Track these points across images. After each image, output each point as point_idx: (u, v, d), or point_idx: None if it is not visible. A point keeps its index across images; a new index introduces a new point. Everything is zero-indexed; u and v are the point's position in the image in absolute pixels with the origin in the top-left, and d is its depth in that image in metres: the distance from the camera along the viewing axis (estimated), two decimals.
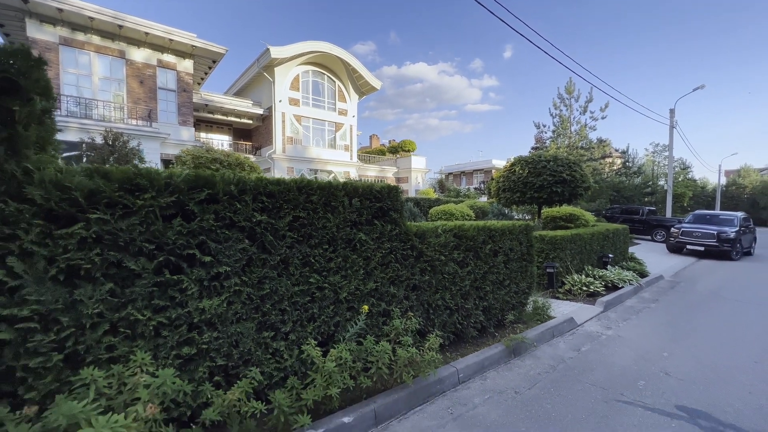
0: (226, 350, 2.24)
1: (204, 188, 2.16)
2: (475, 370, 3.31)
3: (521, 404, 2.84)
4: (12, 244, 1.63)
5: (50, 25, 14.08)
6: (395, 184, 25.50)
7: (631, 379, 3.30)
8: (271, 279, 2.44)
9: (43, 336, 1.69)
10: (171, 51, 16.83)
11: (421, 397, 2.82)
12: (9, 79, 1.63)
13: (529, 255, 4.75)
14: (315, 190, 2.65)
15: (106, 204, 1.87)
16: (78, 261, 1.78)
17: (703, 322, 5.10)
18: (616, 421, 2.61)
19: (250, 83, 24.22)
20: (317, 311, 2.67)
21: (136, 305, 1.94)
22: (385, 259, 3.09)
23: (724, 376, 3.35)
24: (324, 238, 2.70)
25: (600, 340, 4.33)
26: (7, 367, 1.64)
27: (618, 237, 8.93)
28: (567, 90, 16.92)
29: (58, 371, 1.74)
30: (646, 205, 24.95)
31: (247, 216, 2.33)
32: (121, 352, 1.89)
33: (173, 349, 2.05)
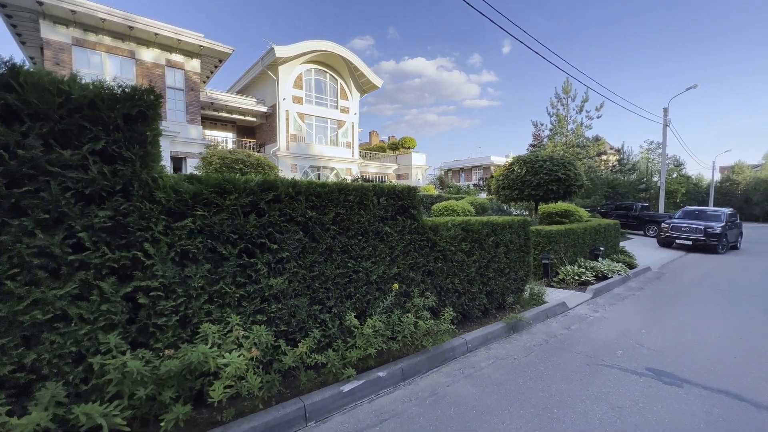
0: (286, 319, 2.83)
1: (270, 191, 2.74)
2: (480, 342, 3.94)
3: (519, 367, 3.46)
4: (147, 234, 2.21)
5: (63, 26, 14.46)
6: (395, 180, 26.15)
7: (612, 349, 3.93)
8: (319, 263, 3.03)
9: (166, 302, 2.28)
10: (179, 51, 17.23)
11: (437, 360, 3.43)
12: (142, 112, 2.20)
13: (526, 247, 5.36)
14: (351, 191, 3.24)
15: (204, 203, 2.45)
16: (188, 246, 2.36)
17: (681, 306, 5.74)
18: (596, 378, 3.23)
19: (253, 81, 24.61)
20: (353, 290, 3.26)
21: (225, 281, 2.53)
22: (406, 249, 3.69)
23: (689, 348, 3.98)
24: (358, 231, 3.29)
25: (588, 321, 4.96)
26: (143, 324, 2.22)
27: (609, 231, 9.57)
28: (564, 90, 17.49)
29: (175, 328, 2.32)
30: (640, 201, 25.68)
31: (302, 212, 2.91)
32: (215, 316, 2.48)
33: (250, 316, 2.64)
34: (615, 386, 3.09)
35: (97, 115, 2.05)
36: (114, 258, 2.11)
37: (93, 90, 2.05)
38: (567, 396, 2.91)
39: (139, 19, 15.31)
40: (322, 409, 2.57)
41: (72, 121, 1.98)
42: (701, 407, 2.77)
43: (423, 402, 2.80)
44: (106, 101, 2.08)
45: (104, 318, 2.07)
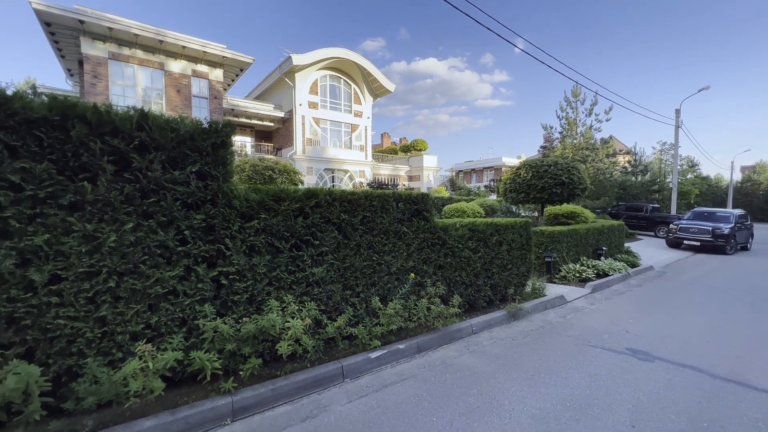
0: (325, 300, 3.55)
1: (313, 198, 3.47)
2: (483, 326, 4.58)
3: (516, 345, 4.09)
4: (227, 232, 2.95)
5: (101, 42, 15.66)
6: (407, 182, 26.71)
7: (599, 334, 4.52)
8: (350, 256, 3.74)
9: (239, 284, 3.02)
10: (204, 62, 18.31)
11: (446, 339, 4.10)
12: (224, 141, 2.95)
13: (527, 245, 5.96)
14: (375, 198, 3.94)
15: (266, 208, 3.19)
16: (254, 242, 3.10)
17: (673, 301, 6.24)
18: (580, 355, 3.85)
19: (271, 87, 25.64)
20: (377, 279, 3.96)
21: (280, 269, 3.26)
22: (420, 246, 4.37)
23: (669, 334, 4.53)
24: (381, 230, 3.99)
25: (583, 312, 5.54)
26: (223, 299, 2.97)
27: (613, 232, 10.02)
28: (573, 93, 17.84)
29: (245, 304, 3.06)
30: (652, 202, 25.66)
31: (337, 215, 3.62)
32: (274, 296, 3.21)
33: (299, 297, 3.36)
34: (595, 360, 3.70)
35: (195, 145, 2.81)
36: (205, 250, 2.86)
37: (192, 126, 2.80)
38: (554, 366, 3.54)
39: (168, 33, 16.42)
40: (355, 370, 3.27)
41: (180, 150, 2.74)
42: (665, 376, 3.36)
43: (434, 368, 3.47)
44: (200, 134, 2.83)
45: (199, 294, 2.82)
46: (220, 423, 2.51)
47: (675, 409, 2.79)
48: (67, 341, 2.34)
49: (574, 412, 2.74)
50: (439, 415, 2.68)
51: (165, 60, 17.28)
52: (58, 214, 2.30)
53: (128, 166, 2.57)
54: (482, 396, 2.96)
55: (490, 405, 2.83)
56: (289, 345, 2.83)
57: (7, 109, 2.14)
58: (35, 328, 2.24)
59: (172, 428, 2.33)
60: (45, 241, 2.24)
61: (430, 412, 2.72)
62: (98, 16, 14.72)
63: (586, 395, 2.99)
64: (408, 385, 3.13)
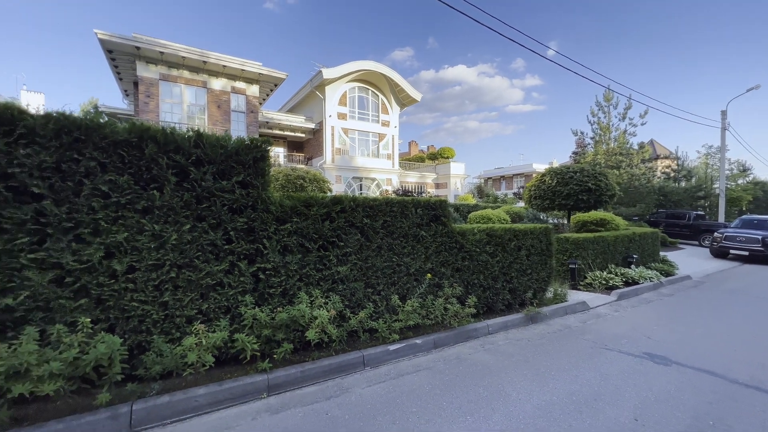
0: (348, 296, 3.92)
1: (338, 204, 3.88)
2: (500, 327, 4.76)
3: (531, 346, 4.25)
4: (264, 233, 3.41)
5: (153, 65, 17.33)
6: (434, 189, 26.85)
7: (618, 338, 4.55)
8: (372, 257, 4.10)
9: (274, 279, 3.46)
10: (242, 79, 19.68)
11: (462, 337, 4.33)
12: (263, 155, 3.43)
13: (548, 251, 6.04)
14: (395, 204, 4.29)
15: (297, 213, 3.63)
16: (287, 242, 3.54)
17: (706, 310, 6.04)
18: (595, 357, 3.94)
19: (302, 100, 26.91)
20: (396, 279, 4.29)
21: (309, 266, 3.67)
22: (438, 249, 4.65)
23: (693, 341, 4.48)
24: (401, 233, 4.32)
25: (605, 318, 5.53)
26: (261, 292, 3.42)
27: (645, 240, 9.69)
28: (605, 98, 17.34)
29: (279, 296, 3.49)
30: (696, 209, 24.08)
31: (359, 219, 4.01)
32: (303, 291, 3.62)
33: (325, 292, 3.76)
34: (609, 362, 3.79)
35: (240, 158, 3.30)
36: (247, 248, 3.33)
37: (237, 143, 3.30)
38: (565, 366, 3.68)
39: (211, 55, 17.86)
40: (375, 359, 3.60)
41: (227, 163, 3.24)
42: (679, 378, 3.41)
43: (449, 362, 3.73)
44: (244, 150, 3.32)
45: (241, 286, 3.29)
46: (257, 396, 2.92)
47: (682, 408, 2.87)
48: (139, 320, 2.86)
49: (578, 405, 2.90)
50: (449, 400, 2.95)
51: (208, 78, 18.78)
52: (134, 216, 2.85)
53: (187, 178, 3.09)
54: (491, 387, 3.19)
55: (497, 394, 3.05)
56: (316, 333, 3.22)
57: (100, 134, 2.72)
58: (116, 309, 2.77)
59: (219, 396, 2.77)
60: (125, 238, 2.78)
61: (442, 397, 2.99)
62: (152, 42, 16.35)
63: (594, 392, 3.13)
64: (423, 375, 3.41)
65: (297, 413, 2.73)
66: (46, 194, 2.56)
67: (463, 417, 2.70)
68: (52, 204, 2.56)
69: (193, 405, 2.68)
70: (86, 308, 2.67)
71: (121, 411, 2.46)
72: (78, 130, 2.64)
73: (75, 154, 2.64)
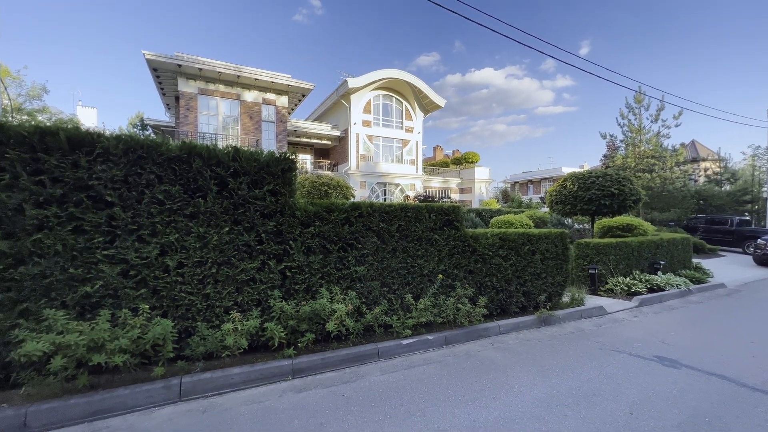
0: (366, 294, 4.28)
1: (357, 210, 4.26)
2: (512, 328, 4.94)
3: (540, 345, 4.41)
4: (291, 235, 3.85)
5: (193, 80, 18.70)
6: (459, 194, 26.74)
7: (631, 342, 4.60)
8: (387, 259, 4.44)
9: (299, 276, 3.88)
10: (272, 90, 20.77)
11: (473, 336, 4.56)
12: (290, 167, 3.88)
13: (564, 255, 6.12)
14: (410, 209, 4.62)
15: (320, 218, 4.05)
16: (311, 243, 3.96)
17: (733, 318, 5.87)
18: (603, 358, 4.05)
19: (329, 109, 27.82)
20: (411, 279, 4.60)
21: (330, 266, 4.07)
22: (451, 252, 4.92)
23: (709, 347, 4.45)
24: (415, 237, 4.64)
25: (621, 323, 5.54)
26: (287, 288, 3.85)
27: (675, 246, 9.38)
28: (636, 99, 16.78)
29: (303, 292, 3.91)
30: (744, 214, 22.55)
31: (376, 224, 4.37)
32: (325, 288, 4.02)
33: (345, 289, 4.14)
34: (616, 363, 3.90)
35: (270, 170, 3.77)
36: (275, 249, 3.78)
37: (268, 156, 3.78)
38: (571, 365, 3.84)
39: (245, 69, 19.03)
40: (389, 352, 3.93)
41: (259, 174, 3.72)
42: (685, 380, 3.48)
43: (458, 357, 3.99)
44: (274, 162, 3.79)
45: (270, 281, 3.74)
46: (283, 378, 3.34)
47: (681, 406, 2.98)
48: (186, 309, 3.36)
49: (576, 398, 3.08)
50: (455, 389, 3.22)
51: (241, 91, 19.98)
52: (183, 220, 3.37)
53: (225, 187, 3.59)
54: (495, 380, 3.42)
55: (500, 386, 3.29)
56: (335, 325, 3.60)
57: (158, 151, 3.26)
58: (168, 298, 3.29)
59: (251, 376, 3.21)
60: (176, 239, 3.30)
61: (447, 386, 3.27)
62: (192, 60, 17.69)
63: (594, 388, 3.29)
64: (432, 367, 3.70)
65: (317, 393, 3.11)
66: (116, 202, 3.11)
67: (465, 403, 2.97)
68: (120, 210, 3.12)
69: (230, 382, 3.12)
70: (145, 297, 3.19)
71: (173, 383, 2.94)
72: (141, 149, 3.20)
73: (138, 169, 3.19)
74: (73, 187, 2.98)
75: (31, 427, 2.46)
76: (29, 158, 2.85)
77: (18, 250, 2.79)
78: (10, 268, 2.77)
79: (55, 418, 2.53)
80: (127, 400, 2.76)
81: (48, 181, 2.90)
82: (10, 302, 2.76)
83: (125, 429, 2.53)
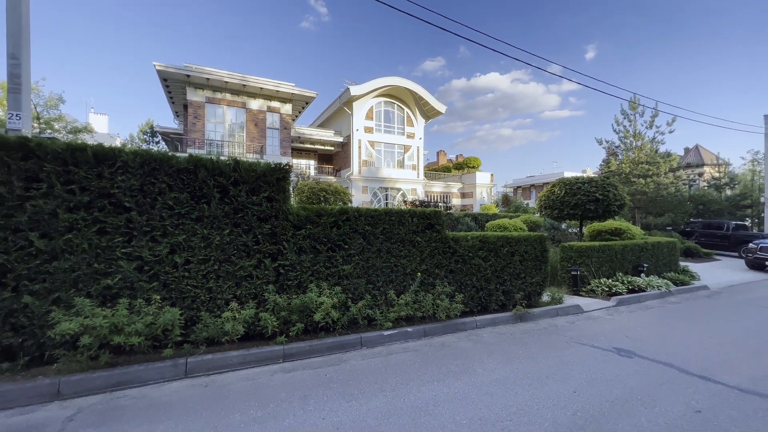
0: (352, 290, 4.75)
1: (344, 214, 4.75)
2: (488, 323, 5.37)
3: (512, 339, 4.83)
4: (284, 237, 4.35)
5: (200, 90, 19.47)
6: (460, 199, 27.18)
7: (597, 336, 5.00)
8: (372, 258, 4.91)
9: (291, 273, 4.37)
10: (277, 99, 21.48)
11: (450, 329, 5.00)
12: (284, 176, 4.39)
13: (542, 257, 6.53)
14: (393, 214, 5.10)
15: (310, 221, 4.55)
16: (302, 244, 4.46)
17: (704, 317, 6.22)
18: (565, 349, 4.46)
19: (332, 116, 28.51)
20: (394, 277, 5.06)
21: (319, 264, 4.56)
22: (432, 253, 5.38)
23: (669, 341, 4.83)
24: (398, 239, 5.11)
25: (595, 320, 5.93)
26: (281, 283, 4.34)
27: (660, 250, 9.72)
28: (631, 106, 17.13)
29: (295, 287, 4.40)
30: (745, 219, 22.63)
31: (362, 227, 4.85)
32: (314, 284, 4.50)
33: (332, 285, 4.61)
34: (575, 353, 4.31)
35: (266, 179, 4.28)
36: (270, 248, 4.28)
37: (264, 167, 4.29)
38: (534, 354, 4.26)
39: (250, 78, 19.75)
40: (371, 341, 4.39)
41: (257, 183, 4.23)
42: (633, 367, 3.88)
43: (434, 347, 4.43)
44: (270, 172, 4.30)
45: (266, 278, 4.23)
46: (275, 361, 3.82)
47: (621, 387, 3.40)
48: (191, 300, 3.86)
49: (530, 381, 3.51)
50: (425, 372, 3.67)
51: (246, 100, 20.70)
52: (190, 223, 3.88)
53: (227, 194, 4.11)
54: (463, 366, 3.86)
55: (466, 370, 3.73)
56: (322, 315, 4.07)
57: (169, 164, 3.79)
58: (176, 290, 3.79)
59: (247, 359, 3.69)
60: (183, 239, 3.82)
61: (419, 370, 3.72)
62: (200, 71, 18.45)
63: (549, 372, 3.71)
64: (409, 355, 4.15)
65: (304, 374, 3.58)
66: (133, 207, 3.64)
67: (431, 383, 3.42)
68: (137, 214, 3.65)
69: (228, 363, 3.61)
70: (157, 289, 3.70)
71: (179, 362, 3.43)
72: (155, 161, 3.73)
73: (152, 179, 3.72)
74: (97, 195, 3.51)
75: (64, 394, 2.97)
76: (62, 171, 3.39)
77: (52, 248, 3.32)
78: (46, 263, 3.30)
79: (82, 388, 3.03)
80: (142, 375, 3.26)
81: (77, 189, 3.43)
82: (45, 292, 3.28)
83: (140, 398, 3.03)
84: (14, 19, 4.80)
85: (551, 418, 2.82)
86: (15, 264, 3.19)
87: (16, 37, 4.79)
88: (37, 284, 3.25)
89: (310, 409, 2.89)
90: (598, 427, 2.70)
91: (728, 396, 3.24)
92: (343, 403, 3.00)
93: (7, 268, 3.18)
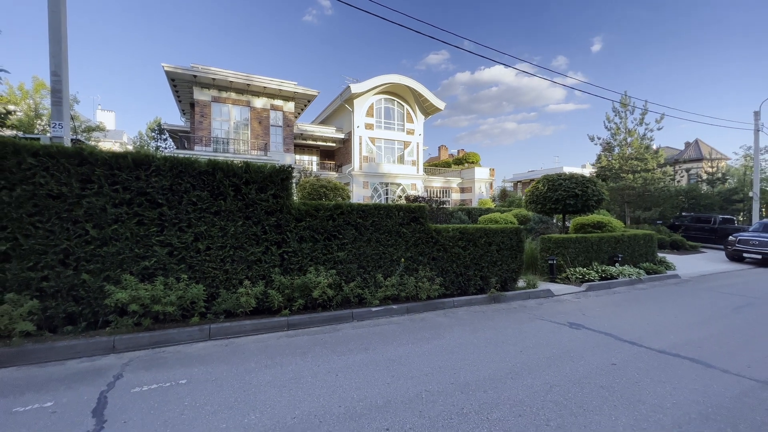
0: (345, 273, 5.56)
1: (339, 209, 5.55)
2: (465, 303, 6.17)
3: (483, 315, 5.64)
4: (287, 227, 5.16)
5: (207, 89, 20.23)
6: (459, 194, 27.87)
7: (557, 314, 5.79)
8: (363, 247, 5.71)
9: (294, 258, 5.19)
10: (280, 97, 22.20)
11: (430, 308, 5.82)
12: (287, 176, 5.19)
13: (518, 247, 7.30)
14: (382, 208, 5.89)
15: (309, 215, 5.35)
16: (303, 234, 5.26)
17: (663, 300, 6.98)
18: (526, 323, 5.26)
19: (333, 113, 29.19)
20: (382, 263, 5.87)
21: (317, 251, 5.37)
22: (416, 242, 6.17)
23: (619, 318, 5.61)
24: (386, 230, 5.90)
25: (561, 302, 6.72)
26: (285, 267, 5.15)
27: (636, 242, 10.44)
28: (621, 104, 17.69)
29: (296, 270, 5.21)
30: (737, 213, 23.19)
31: (354, 219, 5.65)
32: (312, 267, 5.31)
33: (328, 269, 5.42)
34: (533, 326, 5.10)
35: (272, 179, 5.08)
36: (276, 238, 5.09)
37: (271, 168, 5.08)
38: (498, 326, 5.06)
39: (254, 78, 20.47)
40: (360, 316, 5.21)
41: (264, 182, 5.03)
42: (578, 336, 4.67)
43: (415, 321, 5.25)
44: (275, 173, 5.10)
45: (273, 262, 5.05)
46: (280, 329, 4.65)
47: (559, 348, 4.19)
48: (211, 279, 4.69)
49: (488, 344, 4.32)
50: (403, 337, 4.48)
51: (251, 98, 21.45)
52: (210, 216, 4.70)
53: (239, 192, 4.91)
54: (436, 334, 4.68)
55: (436, 337, 4.54)
56: (319, 293, 4.89)
57: (192, 167, 4.60)
58: (199, 271, 4.62)
59: (258, 327, 4.53)
60: (204, 229, 4.64)
61: (398, 337, 4.53)
62: (206, 71, 19.20)
63: (505, 338, 4.52)
64: (393, 326, 4.97)
65: (303, 338, 4.41)
66: (165, 203, 4.46)
67: (405, 345, 4.24)
68: (167, 209, 4.46)
69: (243, 330, 4.45)
70: (184, 270, 4.53)
71: (204, 328, 4.27)
72: (181, 165, 4.54)
73: (179, 180, 4.53)
74: (136, 193, 4.33)
75: (118, 349, 3.82)
76: (109, 174, 4.21)
77: (103, 236, 4.15)
78: (98, 248, 4.13)
79: (132, 344, 3.88)
80: (175, 336, 4.10)
81: (121, 189, 4.25)
82: (98, 270, 4.12)
83: (176, 353, 3.87)
84: (55, 41, 5.60)
85: (495, 367, 3.62)
86: (75, 248, 4.03)
87: (57, 57, 5.59)
88: (92, 264, 4.09)
89: (309, 360, 3.72)
90: (531, 373, 3.50)
91: (644, 355, 4.03)
92: (334, 356, 3.83)
93: (70, 252, 4.02)
